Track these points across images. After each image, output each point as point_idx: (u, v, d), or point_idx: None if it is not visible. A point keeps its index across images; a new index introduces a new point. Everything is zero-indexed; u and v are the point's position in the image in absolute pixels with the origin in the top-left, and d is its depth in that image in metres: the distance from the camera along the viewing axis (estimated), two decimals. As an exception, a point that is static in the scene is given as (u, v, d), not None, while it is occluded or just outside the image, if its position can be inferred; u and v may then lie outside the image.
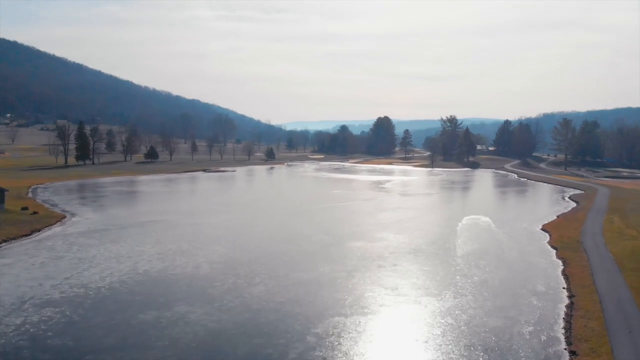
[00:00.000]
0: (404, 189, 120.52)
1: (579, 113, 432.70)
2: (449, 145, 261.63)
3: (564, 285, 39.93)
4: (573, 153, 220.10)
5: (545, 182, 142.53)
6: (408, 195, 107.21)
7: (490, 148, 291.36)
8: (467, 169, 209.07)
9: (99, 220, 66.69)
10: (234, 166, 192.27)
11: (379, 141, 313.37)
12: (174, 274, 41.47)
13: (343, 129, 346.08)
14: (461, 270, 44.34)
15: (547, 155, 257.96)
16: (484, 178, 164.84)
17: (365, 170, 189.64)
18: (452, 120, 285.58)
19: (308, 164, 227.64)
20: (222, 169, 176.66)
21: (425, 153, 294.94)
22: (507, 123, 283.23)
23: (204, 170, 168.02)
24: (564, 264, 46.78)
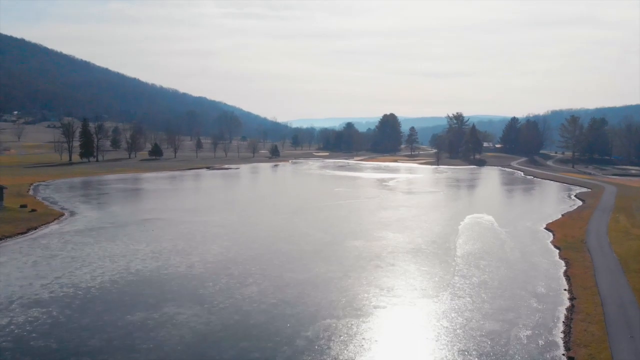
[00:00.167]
0: (407, 187, 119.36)
1: (587, 110, 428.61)
2: (455, 142, 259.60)
3: (566, 287, 38.84)
4: (581, 150, 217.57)
5: (552, 180, 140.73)
6: (411, 193, 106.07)
7: (497, 145, 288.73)
8: (473, 166, 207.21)
9: (97, 218, 66.26)
10: (238, 164, 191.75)
11: (385, 138, 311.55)
12: (167, 273, 40.80)
13: (349, 126, 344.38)
14: (460, 270, 43.35)
15: (555, 152, 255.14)
16: (490, 176, 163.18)
17: (369, 168, 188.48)
18: (459, 117, 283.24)
19: (312, 161, 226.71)
20: (226, 166, 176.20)
21: (431, 150, 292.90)
22: (514, 120, 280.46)
23: (208, 167, 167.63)
24: (566, 264, 45.64)
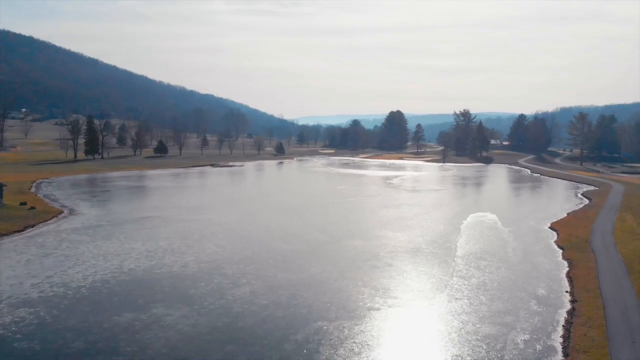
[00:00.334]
0: (411, 185, 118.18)
1: (597, 107, 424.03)
2: (462, 139, 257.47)
3: (567, 289, 37.73)
4: (589, 148, 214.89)
5: (559, 178, 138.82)
6: (415, 191, 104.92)
7: (505, 143, 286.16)
8: (480, 164, 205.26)
9: (96, 216, 65.87)
10: (242, 161, 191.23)
11: (391, 135, 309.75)
12: (159, 273, 40.16)
13: (355, 123, 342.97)
14: (459, 271, 42.34)
15: (563, 150, 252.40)
16: (496, 173, 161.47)
17: (374, 166, 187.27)
18: (466, 114, 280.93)
19: (317, 158, 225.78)
20: (230, 163, 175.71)
21: (437, 148, 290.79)
22: (522, 117, 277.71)
23: (212, 165, 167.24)
24: (569, 265, 44.48)
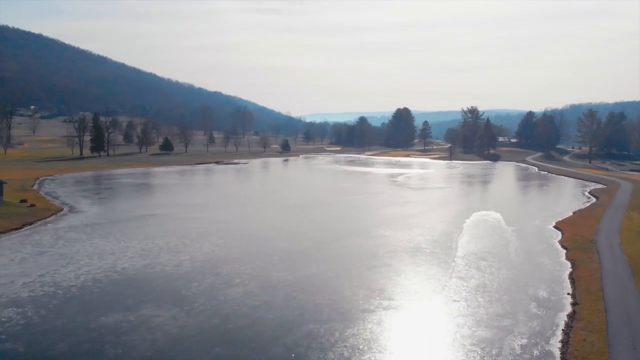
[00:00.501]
0: (416, 183, 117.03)
1: (607, 104, 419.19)
2: (469, 137, 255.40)
3: (569, 291, 36.65)
4: (598, 145, 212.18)
5: (566, 176, 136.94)
6: (419, 189, 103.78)
7: (513, 140, 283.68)
8: (487, 161, 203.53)
9: (96, 213, 65.58)
10: (248, 158, 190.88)
11: (398, 133, 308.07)
12: (152, 272, 39.59)
13: (362, 120, 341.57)
14: (459, 272, 41.37)
15: (572, 147, 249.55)
16: (503, 171, 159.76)
17: (380, 163, 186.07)
18: (473, 111, 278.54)
19: (323, 156, 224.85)
20: (235, 161, 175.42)
21: (445, 145, 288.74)
22: (530, 114, 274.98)
23: (217, 162, 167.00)
24: (572, 266, 43.35)
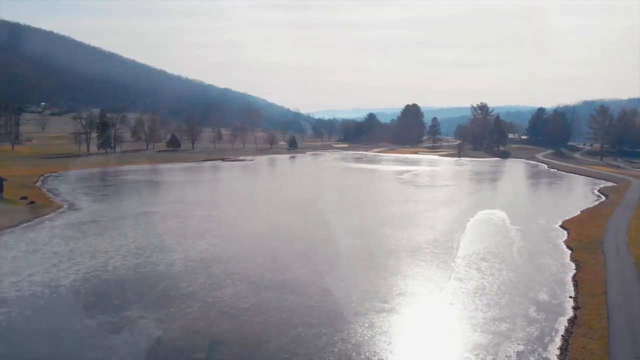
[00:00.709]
0: (422, 180, 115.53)
1: (620, 101, 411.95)
2: (479, 133, 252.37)
3: (572, 294, 35.32)
4: (610, 142, 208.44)
5: (577, 174, 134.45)
6: (424, 186, 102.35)
7: (523, 137, 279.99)
8: (496, 158, 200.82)
9: (95, 211, 65.10)
10: (254, 155, 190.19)
11: (406, 130, 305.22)
12: (144, 272, 38.85)
13: (370, 117, 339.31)
14: (458, 273, 40.16)
15: (583, 144, 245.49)
16: (512, 168, 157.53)
17: (387, 160, 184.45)
18: (483, 108, 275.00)
19: (330, 153, 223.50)
20: (241, 158, 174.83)
21: (454, 142, 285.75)
22: (541, 111, 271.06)
23: (222, 159, 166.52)
24: (576, 267, 41.94)
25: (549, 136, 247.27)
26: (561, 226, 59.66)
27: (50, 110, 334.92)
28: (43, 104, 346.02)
